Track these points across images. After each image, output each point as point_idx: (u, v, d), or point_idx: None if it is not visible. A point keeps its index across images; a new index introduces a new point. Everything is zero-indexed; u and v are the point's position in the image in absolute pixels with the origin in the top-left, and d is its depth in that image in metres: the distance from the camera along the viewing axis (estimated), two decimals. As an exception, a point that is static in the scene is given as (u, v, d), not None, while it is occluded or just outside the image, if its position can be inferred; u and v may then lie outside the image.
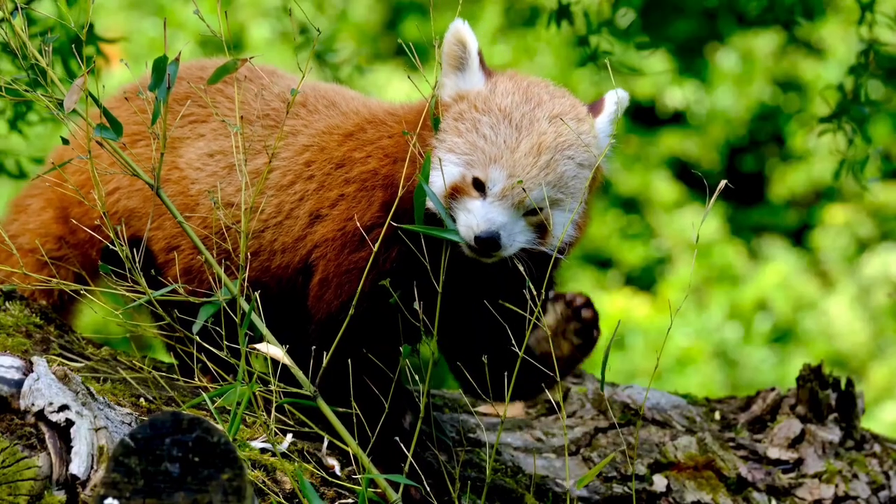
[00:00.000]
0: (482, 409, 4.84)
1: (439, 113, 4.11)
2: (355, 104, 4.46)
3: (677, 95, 12.05)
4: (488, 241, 3.98)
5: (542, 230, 4.09)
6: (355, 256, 4.14)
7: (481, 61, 4.17)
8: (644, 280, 11.87)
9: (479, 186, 4.04)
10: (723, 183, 3.89)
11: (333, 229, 4.22)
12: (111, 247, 3.98)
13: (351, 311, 4.02)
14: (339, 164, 4.28)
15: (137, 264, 3.94)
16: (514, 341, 3.99)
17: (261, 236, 4.30)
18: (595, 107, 4.23)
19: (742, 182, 12.20)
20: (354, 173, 4.25)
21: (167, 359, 4.59)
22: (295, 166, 4.33)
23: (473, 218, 4.01)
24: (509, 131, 4.07)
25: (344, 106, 4.45)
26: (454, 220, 4.04)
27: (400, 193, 4.05)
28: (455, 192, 4.05)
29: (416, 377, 4.06)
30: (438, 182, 4.05)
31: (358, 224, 4.14)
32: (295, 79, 4.52)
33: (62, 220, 4.66)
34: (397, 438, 4.07)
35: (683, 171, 12.03)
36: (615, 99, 4.21)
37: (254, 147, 4.34)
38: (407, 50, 4.11)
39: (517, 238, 4.05)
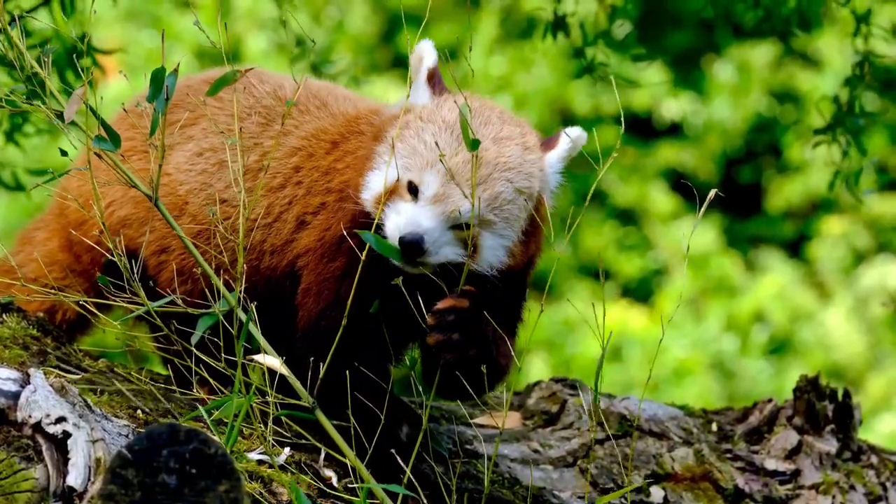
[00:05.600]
0: (479, 420, 4.84)
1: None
2: (345, 106, 4.44)
3: (674, 107, 12.06)
4: (412, 245, 3.91)
5: (472, 250, 3.99)
6: (332, 266, 4.15)
7: (431, 77, 4.14)
8: (641, 291, 11.86)
9: (413, 190, 3.99)
10: (713, 192, 3.86)
11: (314, 239, 4.22)
12: (111, 258, 3.98)
13: (329, 319, 4.04)
14: (326, 172, 4.28)
15: (136, 274, 3.94)
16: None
17: (250, 235, 4.29)
18: (550, 141, 4.15)
19: (739, 193, 12.20)
20: (335, 183, 4.24)
21: (164, 371, 4.58)
22: (285, 169, 4.33)
23: (402, 219, 3.96)
24: (450, 140, 4.00)
25: (334, 108, 4.43)
26: (383, 226, 3.98)
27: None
28: (391, 195, 4.00)
29: (420, 388, 4.06)
30: (377, 186, 4.04)
31: (334, 234, 4.14)
32: (287, 78, 4.51)
33: (67, 249, 4.67)
34: (394, 450, 4.07)
35: (680, 183, 12.04)
36: (570, 138, 4.13)
37: (244, 144, 4.31)
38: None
39: (443, 249, 3.97)
